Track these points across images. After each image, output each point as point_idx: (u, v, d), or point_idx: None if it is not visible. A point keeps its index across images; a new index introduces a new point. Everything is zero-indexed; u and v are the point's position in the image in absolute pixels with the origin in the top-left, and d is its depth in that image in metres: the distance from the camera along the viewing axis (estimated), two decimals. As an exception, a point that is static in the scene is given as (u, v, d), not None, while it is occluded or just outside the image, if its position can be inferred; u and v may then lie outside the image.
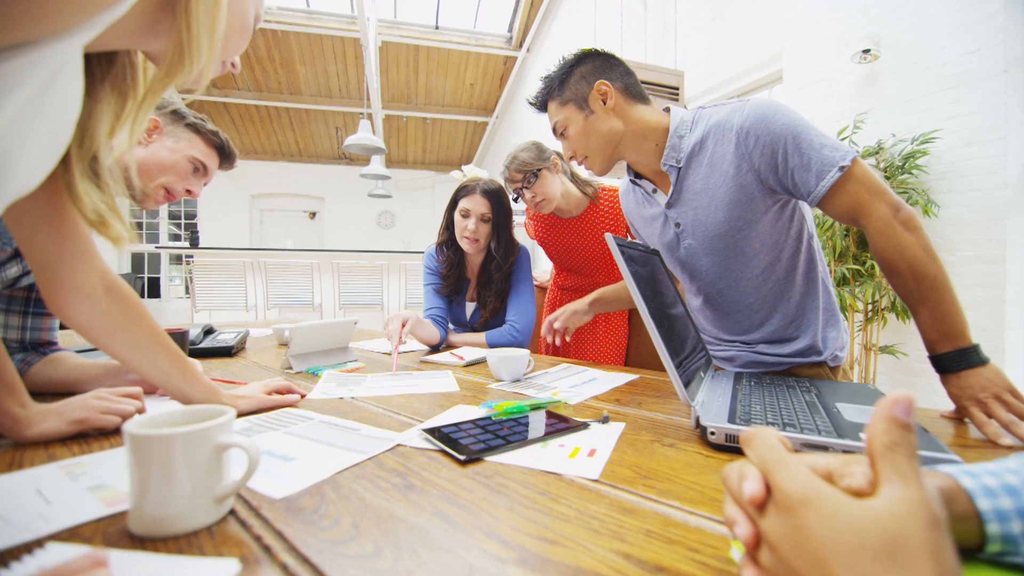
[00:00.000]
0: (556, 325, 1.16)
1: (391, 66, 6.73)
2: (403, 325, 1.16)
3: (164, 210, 8.15)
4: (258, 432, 0.62)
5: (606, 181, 1.57)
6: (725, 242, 0.90)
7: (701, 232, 0.91)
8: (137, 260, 7.99)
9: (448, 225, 1.45)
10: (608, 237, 0.63)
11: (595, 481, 0.47)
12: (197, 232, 4.80)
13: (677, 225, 0.95)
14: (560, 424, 0.63)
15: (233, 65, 0.57)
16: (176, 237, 8.22)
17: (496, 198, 1.40)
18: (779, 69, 3.05)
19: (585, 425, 0.63)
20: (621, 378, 0.96)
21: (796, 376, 0.92)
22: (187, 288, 4.86)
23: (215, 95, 6.97)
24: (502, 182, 1.45)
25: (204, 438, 0.39)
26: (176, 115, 1.01)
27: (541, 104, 0.98)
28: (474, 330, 1.49)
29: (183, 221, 8.30)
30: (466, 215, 1.38)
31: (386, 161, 8.43)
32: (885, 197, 0.74)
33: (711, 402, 0.66)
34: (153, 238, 8.09)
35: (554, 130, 0.96)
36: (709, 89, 3.53)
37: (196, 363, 0.87)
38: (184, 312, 7.23)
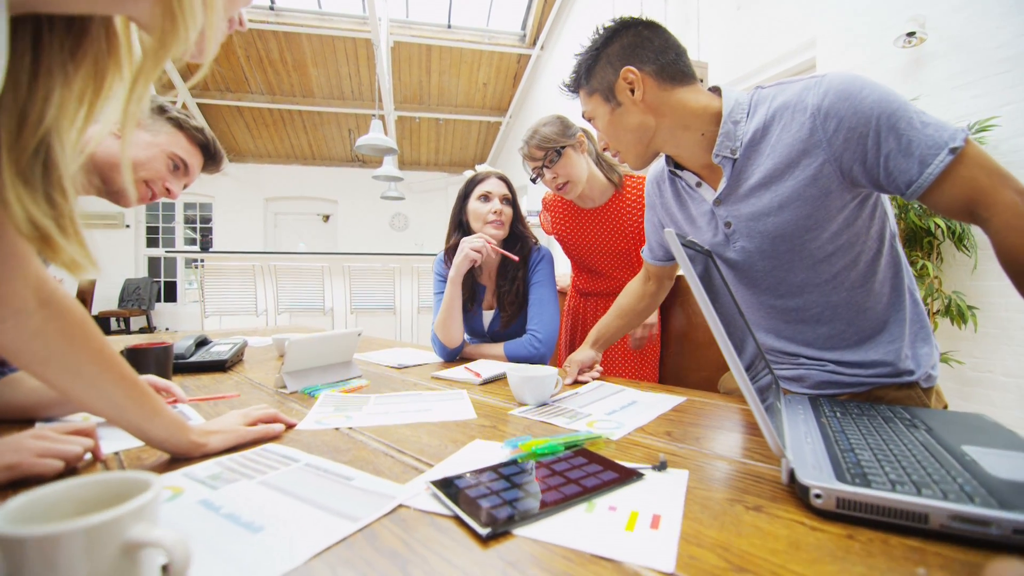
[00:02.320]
0: (569, 382, 0.98)
1: (403, 66, 6.66)
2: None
3: (180, 213, 8.20)
4: (227, 482, 0.50)
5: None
6: (789, 244, 0.75)
7: (758, 233, 0.77)
8: (153, 264, 8.04)
9: (459, 225, 1.33)
10: (669, 234, 0.49)
11: (671, 576, 0.34)
12: (209, 236, 4.76)
13: (727, 225, 0.80)
14: (606, 474, 0.50)
15: (240, 22, 0.45)
16: (192, 241, 8.25)
17: (509, 183, 1.33)
18: (811, 57, 2.88)
19: (638, 475, 0.49)
20: (665, 401, 0.82)
21: (880, 400, 0.78)
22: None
23: (229, 99, 6.97)
24: (520, 164, 1.33)
25: (106, 535, 0.26)
26: (158, 108, 0.91)
27: (573, 90, 0.85)
28: (493, 339, 1.35)
29: (198, 225, 8.32)
30: (487, 198, 1.27)
31: (399, 163, 8.37)
32: (1010, 182, 0.59)
33: (799, 445, 0.51)
34: (169, 242, 8.14)
35: (583, 116, 0.84)
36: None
37: (172, 385, 0.76)
38: (197, 316, 7.24)
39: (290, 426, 0.68)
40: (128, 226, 7.80)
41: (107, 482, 0.31)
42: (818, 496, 0.42)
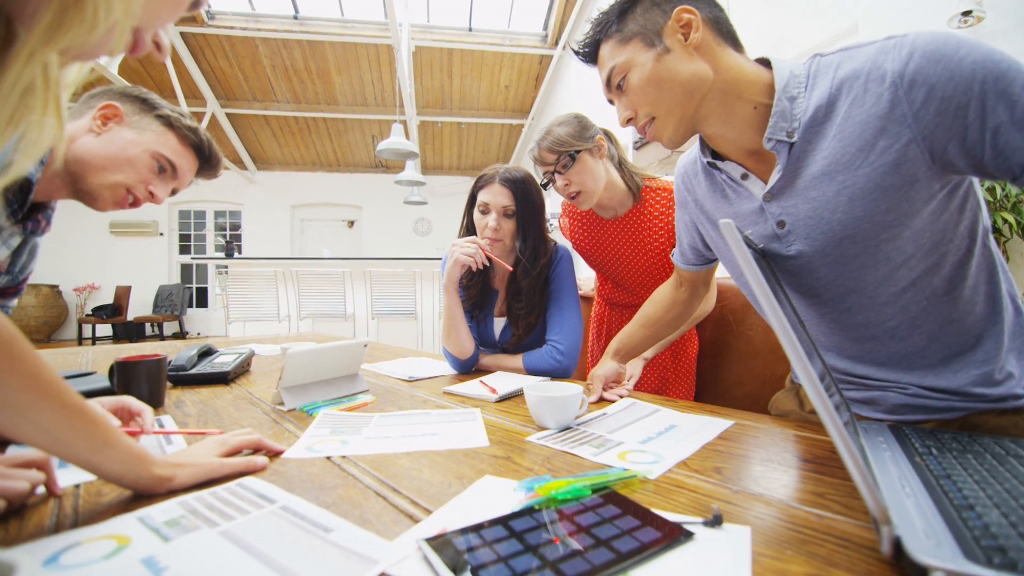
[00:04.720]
0: (594, 400, 0.88)
1: (425, 71, 6.66)
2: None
3: (211, 221, 8.41)
4: (184, 531, 0.41)
5: (658, 177, 1.29)
6: (861, 246, 0.62)
7: (820, 234, 0.64)
8: (186, 270, 8.27)
9: (468, 226, 1.22)
10: (726, 225, 0.39)
11: None
12: (233, 243, 4.82)
13: (780, 225, 0.67)
14: (645, 532, 0.39)
15: (158, 47, 0.38)
16: (223, 247, 8.44)
17: (520, 187, 1.13)
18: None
19: (687, 533, 0.39)
20: (709, 426, 0.71)
21: (977, 428, 0.65)
22: (227, 298, 4.89)
23: (256, 108, 7.10)
24: (532, 166, 1.20)
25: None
26: (145, 104, 0.84)
27: (592, 47, 0.72)
28: (505, 351, 1.25)
29: (228, 232, 8.52)
30: (485, 211, 1.13)
31: (421, 168, 8.38)
32: None
33: (898, 498, 0.40)
34: (201, 249, 8.35)
35: (609, 82, 0.70)
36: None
37: (145, 410, 0.68)
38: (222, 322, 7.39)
39: (276, 454, 0.60)
40: (162, 234, 8.06)
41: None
42: (943, 582, 0.30)
